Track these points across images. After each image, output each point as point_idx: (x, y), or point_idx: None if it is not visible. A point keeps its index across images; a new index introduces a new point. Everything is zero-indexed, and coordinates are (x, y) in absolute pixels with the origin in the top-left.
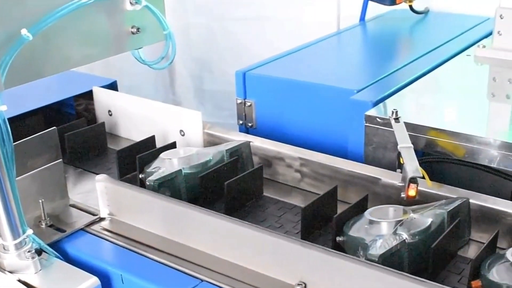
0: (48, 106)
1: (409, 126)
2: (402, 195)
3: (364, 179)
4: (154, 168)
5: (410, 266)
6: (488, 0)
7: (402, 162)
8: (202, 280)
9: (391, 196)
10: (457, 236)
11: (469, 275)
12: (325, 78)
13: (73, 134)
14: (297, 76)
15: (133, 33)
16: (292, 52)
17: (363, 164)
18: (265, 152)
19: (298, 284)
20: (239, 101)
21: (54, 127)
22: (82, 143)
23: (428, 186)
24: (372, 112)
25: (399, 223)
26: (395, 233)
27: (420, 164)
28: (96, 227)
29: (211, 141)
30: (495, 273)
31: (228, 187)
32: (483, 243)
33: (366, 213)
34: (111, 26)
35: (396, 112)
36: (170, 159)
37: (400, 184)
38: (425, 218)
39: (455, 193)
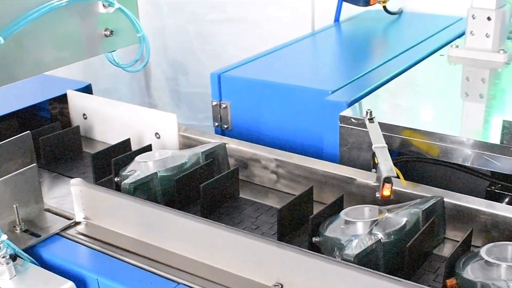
0: (22, 110)
1: (384, 126)
2: (377, 195)
3: (340, 179)
4: (129, 171)
5: (386, 266)
6: (461, 1)
7: (376, 162)
8: (178, 283)
9: (367, 196)
10: (432, 235)
11: (444, 273)
12: (300, 79)
13: (47, 138)
14: (272, 78)
15: (106, 36)
16: (267, 53)
17: (338, 165)
18: (241, 154)
19: (275, 285)
20: (214, 103)
21: (28, 131)
22: (57, 147)
23: (402, 185)
24: (346, 112)
25: (375, 223)
26: (370, 233)
27: (395, 164)
28: (71, 231)
29: (186, 144)
30: (470, 271)
31: (204, 190)
32: (458, 241)
33: (342, 213)
34: (84, 29)
35: (371, 112)
36: (146, 162)
37: (375, 184)
38: (400, 217)
39: (429, 192)
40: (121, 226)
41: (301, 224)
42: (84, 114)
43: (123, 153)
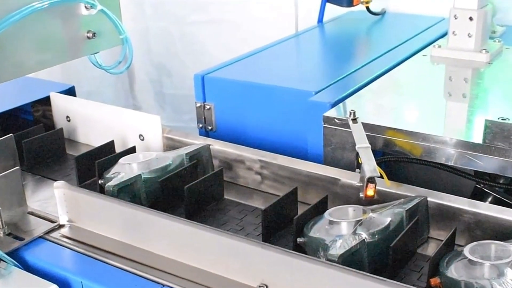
0: (4, 112)
1: (367, 126)
2: (361, 195)
3: (324, 180)
4: (113, 174)
5: (370, 265)
6: (443, 1)
7: (360, 162)
8: (163, 285)
9: (351, 196)
10: (416, 235)
11: (428, 272)
12: (284, 80)
13: (30, 140)
14: (256, 79)
15: (89, 37)
16: (250, 54)
17: (322, 165)
18: (225, 155)
19: (260, 286)
20: (198, 105)
21: (11, 134)
22: (40, 150)
23: (386, 185)
24: (330, 113)
25: (359, 223)
26: (354, 233)
27: (378, 164)
28: (55, 234)
29: (170, 145)
30: (454, 270)
31: (188, 191)
32: (442, 240)
33: (326, 213)
34: (66, 31)
35: (354, 112)
36: (130, 164)
37: (359, 184)
38: (384, 217)
39: (413, 192)
40: (105, 228)
41: (285, 224)
42: (67, 117)
43: (107, 155)
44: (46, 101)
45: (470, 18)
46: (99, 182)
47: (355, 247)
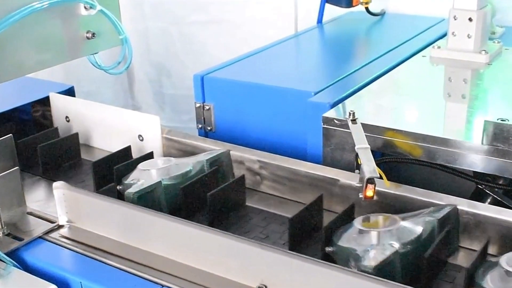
0: (4, 112)
1: (367, 127)
2: (360, 196)
3: (323, 180)
4: (132, 180)
5: (403, 276)
6: (442, 2)
7: (359, 162)
8: (163, 286)
9: (350, 197)
10: (448, 244)
11: (464, 283)
12: (283, 80)
13: (47, 145)
14: (255, 79)
15: (88, 38)
16: (250, 55)
17: (322, 166)
18: None
19: (259, 287)
20: (197, 105)
21: (10, 135)
22: (56, 155)
23: (386, 186)
24: (329, 113)
25: (390, 232)
26: (386, 243)
27: (378, 165)
28: (54, 234)
29: (170, 146)
30: (490, 281)
31: (212, 198)
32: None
33: (355, 222)
34: (66, 31)
35: (353, 113)
36: (149, 170)
37: (358, 185)
38: (416, 226)
39: (412, 193)
40: (104, 229)
41: (311, 232)
42: (66, 117)
43: (124, 161)
44: (45, 101)
45: (470, 19)
46: (118, 188)
47: (389, 258)
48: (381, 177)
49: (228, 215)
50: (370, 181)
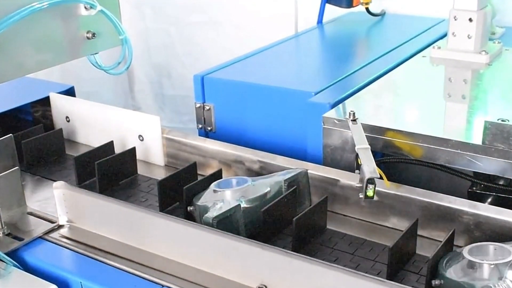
0: (4, 113)
1: (367, 127)
2: (361, 196)
3: (323, 180)
4: (206, 202)
5: None
6: (442, 2)
7: (360, 163)
8: (163, 286)
9: (350, 197)
10: None
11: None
12: (283, 81)
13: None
14: (256, 79)
15: (88, 38)
16: (250, 55)
17: (322, 166)
18: (225, 156)
19: (259, 287)
20: (198, 105)
21: (10, 134)
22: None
23: (386, 186)
24: (330, 114)
25: (508, 265)
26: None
27: (378, 165)
28: (54, 234)
29: (170, 146)
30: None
31: (296, 223)
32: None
33: (465, 253)
34: (66, 31)
35: (353, 113)
36: (223, 191)
37: (358, 185)
38: None
39: (413, 193)
40: (104, 228)
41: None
42: (67, 117)
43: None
44: (45, 101)
45: (470, 19)
46: (188, 209)
47: None
48: (381, 177)
49: (311, 239)
50: (370, 181)
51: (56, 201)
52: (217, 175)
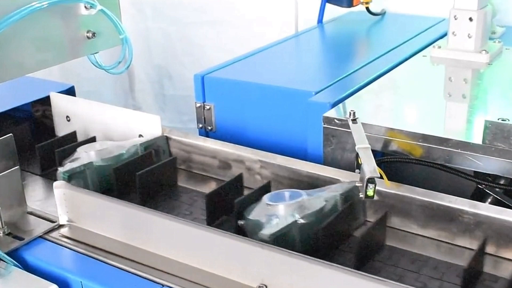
0: (4, 112)
1: (367, 127)
2: (361, 196)
3: (324, 180)
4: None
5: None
6: (443, 2)
7: (360, 162)
8: (163, 285)
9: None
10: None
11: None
12: (284, 80)
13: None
14: (256, 79)
15: (88, 37)
16: (250, 55)
17: (322, 165)
18: (225, 155)
19: (259, 286)
20: (198, 105)
21: (10, 134)
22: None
23: (386, 186)
24: (330, 113)
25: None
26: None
27: (378, 164)
28: (55, 234)
29: (170, 145)
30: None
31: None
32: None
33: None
34: (66, 31)
35: (354, 113)
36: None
37: (359, 185)
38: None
39: (413, 193)
40: (105, 228)
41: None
42: (67, 116)
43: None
44: (46, 101)
45: (470, 19)
46: (239, 223)
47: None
48: (381, 177)
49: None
50: (371, 180)
51: (57, 200)
52: (266, 187)
